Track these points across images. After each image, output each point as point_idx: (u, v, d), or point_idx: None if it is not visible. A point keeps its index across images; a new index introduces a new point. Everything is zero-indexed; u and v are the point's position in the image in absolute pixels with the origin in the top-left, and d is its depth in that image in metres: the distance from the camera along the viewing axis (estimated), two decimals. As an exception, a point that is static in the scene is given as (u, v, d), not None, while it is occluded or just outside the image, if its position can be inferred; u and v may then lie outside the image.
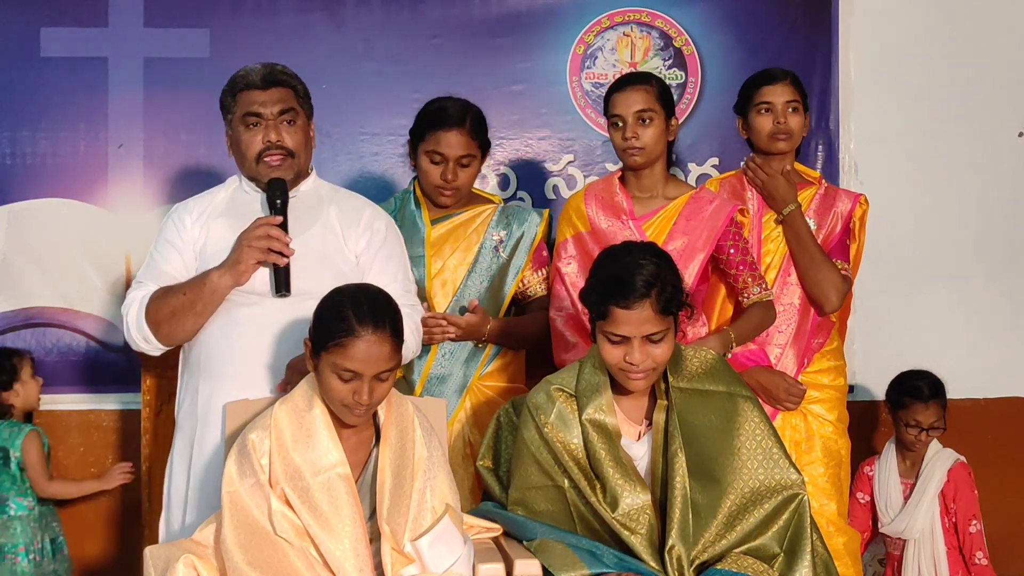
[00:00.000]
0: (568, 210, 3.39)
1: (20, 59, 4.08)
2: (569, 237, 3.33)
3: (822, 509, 3.27)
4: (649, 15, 4.25)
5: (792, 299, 3.36)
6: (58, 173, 4.10)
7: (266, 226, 2.83)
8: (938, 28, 4.33)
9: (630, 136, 3.21)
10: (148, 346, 2.91)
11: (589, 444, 2.63)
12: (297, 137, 2.96)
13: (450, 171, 3.28)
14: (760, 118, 3.38)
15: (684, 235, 3.25)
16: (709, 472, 2.59)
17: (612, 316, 2.56)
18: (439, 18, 4.19)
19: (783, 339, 3.36)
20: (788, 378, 3.31)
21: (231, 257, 2.83)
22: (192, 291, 2.83)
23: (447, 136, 3.27)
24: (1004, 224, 4.36)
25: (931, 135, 4.32)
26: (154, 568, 2.47)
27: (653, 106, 3.22)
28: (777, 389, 3.29)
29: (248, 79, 2.95)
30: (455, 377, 3.29)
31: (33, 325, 4.08)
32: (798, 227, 3.35)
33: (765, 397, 3.27)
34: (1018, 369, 4.35)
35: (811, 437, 3.35)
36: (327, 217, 2.97)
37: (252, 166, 2.94)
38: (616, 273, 2.58)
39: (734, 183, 3.48)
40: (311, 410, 2.55)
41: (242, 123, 2.93)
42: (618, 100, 3.24)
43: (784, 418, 3.33)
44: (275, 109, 2.93)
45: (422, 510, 2.52)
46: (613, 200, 3.30)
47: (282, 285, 2.83)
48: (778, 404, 3.30)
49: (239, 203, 2.99)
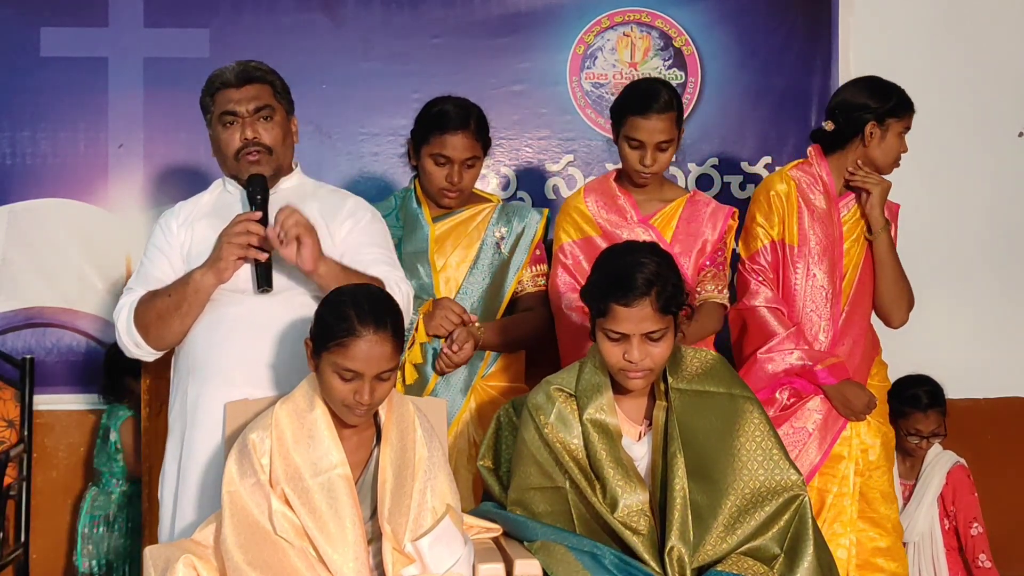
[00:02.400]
0: (570, 213, 3.38)
1: (20, 59, 4.08)
2: (575, 240, 3.32)
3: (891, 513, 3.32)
4: (649, 15, 4.25)
5: (866, 304, 3.39)
6: (58, 173, 4.10)
7: (245, 222, 2.81)
8: (938, 28, 4.33)
9: (649, 163, 3.22)
10: (140, 351, 2.91)
11: (589, 444, 2.63)
12: (274, 133, 2.95)
13: (455, 173, 3.28)
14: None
15: (686, 236, 3.28)
16: (709, 473, 2.59)
17: (612, 313, 2.57)
18: (439, 18, 4.19)
19: (851, 343, 3.37)
20: (868, 391, 3.34)
21: (212, 255, 2.82)
22: (176, 292, 2.83)
23: (452, 139, 3.26)
24: (1004, 224, 4.36)
25: (931, 135, 4.31)
26: (154, 568, 2.47)
27: (674, 134, 3.24)
28: (859, 402, 3.31)
29: (223, 78, 2.94)
30: (459, 377, 3.29)
31: (33, 325, 4.09)
32: (888, 243, 3.36)
33: (842, 408, 3.30)
34: (1018, 369, 4.35)
35: (875, 443, 3.37)
36: (309, 212, 2.95)
37: (232, 164, 2.94)
38: (617, 271, 2.59)
39: (809, 175, 3.41)
40: (312, 410, 2.55)
41: (220, 122, 2.93)
42: (641, 125, 3.20)
43: (852, 429, 3.35)
44: (250, 106, 2.92)
45: (422, 510, 2.52)
46: (616, 202, 3.32)
47: (263, 281, 2.81)
48: (854, 415, 3.32)
49: (223, 204, 2.99)
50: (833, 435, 3.31)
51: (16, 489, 3.82)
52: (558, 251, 3.37)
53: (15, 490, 3.82)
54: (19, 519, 3.85)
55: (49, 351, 4.08)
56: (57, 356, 4.09)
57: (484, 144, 3.35)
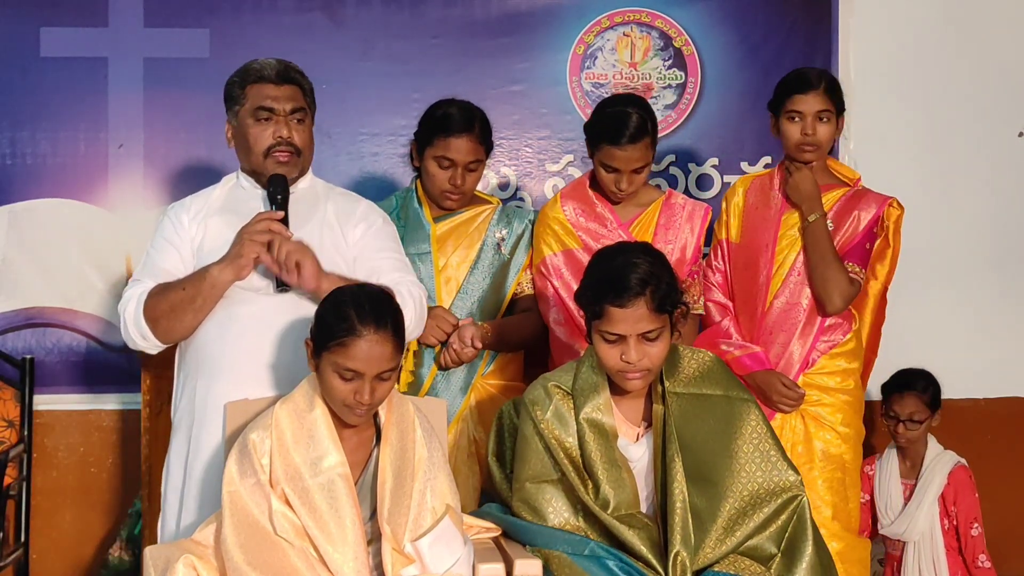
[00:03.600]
0: (549, 224, 3.40)
1: (20, 59, 4.07)
2: (558, 253, 3.34)
3: (816, 513, 3.25)
4: (649, 15, 4.25)
5: (800, 299, 3.35)
6: (58, 173, 4.10)
7: (267, 221, 2.82)
8: (938, 28, 4.32)
9: (625, 187, 3.29)
10: (146, 343, 2.89)
11: (584, 443, 2.63)
12: (304, 136, 2.97)
13: (458, 176, 3.30)
14: (789, 125, 3.36)
15: (666, 241, 3.34)
16: (708, 476, 2.59)
17: (607, 315, 2.57)
18: (439, 18, 4.19)
19: (785, 337, 3.35)
20: (785, 379, 3.30)
21: (232, 251, 2.82)
22: (192, 286, 2.82)
23: (457, 142, 3.28)
24: (1004, 224, 4.36)
25: (931, 135, 4.32)
26: (154, 568, 2.47)
27: (648, 157, 3.29)
28: (771, 390, 3.29)
29: (262, 72, 2.94)
30: (459, 375, 3.31)
31: (33, 325, 4.08)
32: (819, 233, 3.32)
33: (762, 398, 3.27)
34: (1018, 369, 4.34)
35: (808, 440, 3.33)
36: (324, 214, 2.97)
37: (259, 160, 2.93)
38: (610, 272, 2.59)
39: (764, 181, 3.48)
40: (312, 410, 2.55)
41: (252, 116, 2.92)
42: (615, 155, 3.26)
43: (783, 420, 3.32)
44: (287, 106, 2.92)
45: (422, 510, 2.52)
46: (594, 210, 3.36)
47: (282, 281, 2.83)
48: (773, 406, 3.30)
49: (237, 199, 2.98)
50: None
51: (16, 489, 3.82)
52: (540, 264, 3.39)
53: (15, 490, 3.82)
54: (19, 519, 3.84)
55: (49, 351, 4.08)
56: (57, 356, 4.09)
57: (487, 148, 3.37)
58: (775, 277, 3.37)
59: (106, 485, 4.11)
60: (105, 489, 4.10)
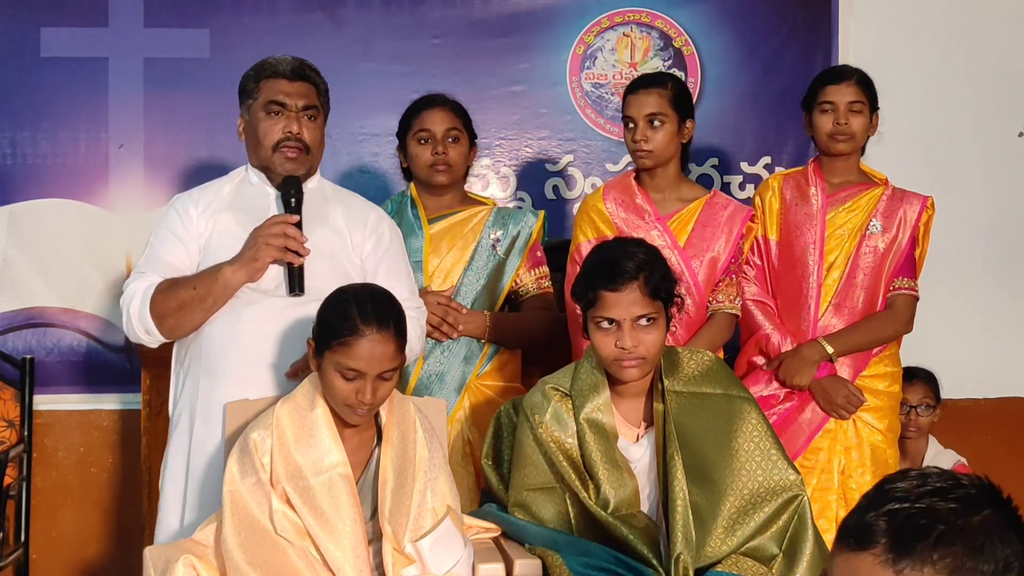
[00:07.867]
0: (588, 212, 3.38)
1: (20, 59, 4.07)
2: (592, 240, 3.31)
3: None
4: (649, 15, 4.25)
5: (855, 302, 3.34)
6: (58, 173, 4.09)
7: (283, 224, 2.81)
8: (938, 28, 4.33)
9: (640, 139, 3.24)
10: (149, 338, 2.88)
11: (584, 444, 2.63)
12: (315, 134, 2.96)
13: (440, 145, 3.33)
14: (822, 117, 3.35)
15: (701, 239, 3.28)
16: (708, 475, 2.58)
17: (601, 300, 2.58)
18: (439, 18, 4.19)
19: None
20: (851, 386, 3.30)
21: (247, 254, 2.81)
22: (203, 285, 2.80)
23: (431, 114, 3.36)
24: (1004, 224, 4.36)
25: (931, 135, 4.32)
26: (154, 568, 2.47)
27: (665, 109, 3.24)
28: (837, 395, 3.28)
29: (277, 68, 2.94)
30: (454, 375, 3.30)
31: (33, 325, 4.08)
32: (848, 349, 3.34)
33: (823, 402, 3.28)
34: (1018, 369, 4.35)
35: (861, 444, 3.33)
36: (333, 217, 2.97)
37: (267, 154, 2.92)
38: (605, 260, 2.62)
39: (800, 178, 3.45)
40: (313, 410, 2.55)
41: (264, 110, 2.91)
42: (631, 102, 3.27)
43: (836, 424, 3.32)
44: (300, 103, 2.92)
45: (423, 511, 2.52)
46: (634, 201, 3.31)
47: (296, 284, 2.82)
48: (834, 411, 3.30)
49: (245, 196, 2.97)
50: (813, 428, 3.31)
51: (16, 489, 3.82)
52: (574, 251, 3.37)
53: (15, 490, 3.81)
54: (19, 519, 3.84)
55: (49, 351, 4.08)
56: (57, 356, 4.09)
57: (466, 124, 3.41)
58: (827, 281, 3.35)
59: (106, 485, 4.11)
60: (105, 489, 4.11)
